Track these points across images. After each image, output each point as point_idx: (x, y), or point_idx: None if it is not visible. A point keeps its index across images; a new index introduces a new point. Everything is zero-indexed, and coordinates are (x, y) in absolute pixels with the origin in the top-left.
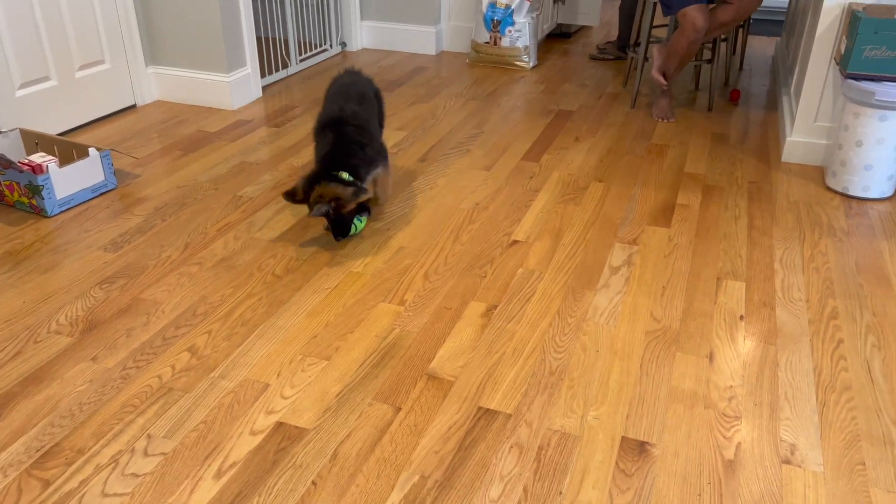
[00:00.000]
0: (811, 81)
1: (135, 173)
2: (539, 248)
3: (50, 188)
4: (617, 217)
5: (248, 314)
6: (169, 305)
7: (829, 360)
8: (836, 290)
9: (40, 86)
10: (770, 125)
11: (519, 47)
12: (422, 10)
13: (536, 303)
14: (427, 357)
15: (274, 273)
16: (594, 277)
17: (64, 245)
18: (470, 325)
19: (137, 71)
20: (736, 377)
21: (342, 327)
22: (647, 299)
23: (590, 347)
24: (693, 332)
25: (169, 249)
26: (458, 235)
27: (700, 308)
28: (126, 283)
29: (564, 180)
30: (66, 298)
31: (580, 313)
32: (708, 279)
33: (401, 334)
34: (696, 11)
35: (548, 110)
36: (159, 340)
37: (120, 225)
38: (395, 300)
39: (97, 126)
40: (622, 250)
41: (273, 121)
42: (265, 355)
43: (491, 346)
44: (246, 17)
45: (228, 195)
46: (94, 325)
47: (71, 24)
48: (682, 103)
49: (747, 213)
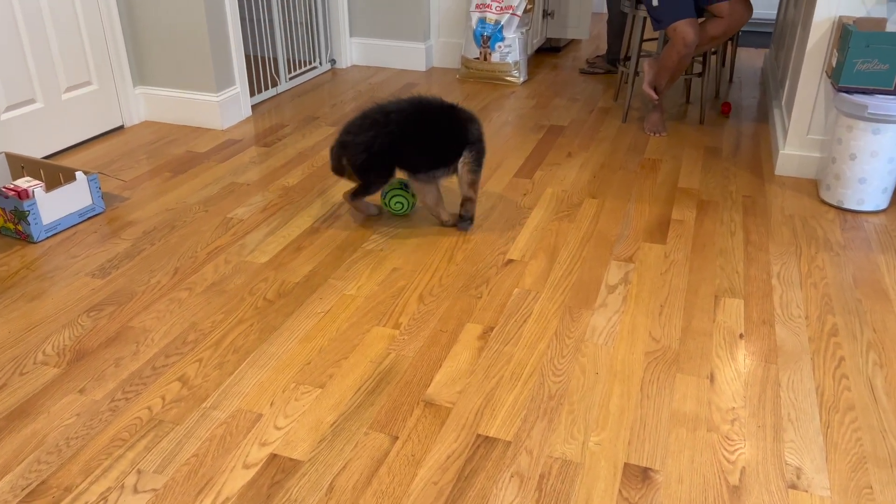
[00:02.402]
0: (803, 94)
1: (123, 196)
2: (534, 267)
3: (36, 213)
4: (612, 234)
5: (240, 341)
6: (158, 333)
7: (832, 379)
8: (835, 306)
9: (26, 108)
10: (762, 138)
11: (509, 63)
12: (411, 26)
13: (533, 324)
14: (423, 382)
15: (265, 297)
16: (591, 296)
17: (51, 272)
18: (466, 348)
19: (125, 91)
20: (738, 398)
21: (336, 353)
22: (645, 318)
23: (589, 370)
24: (693, 352)
25: (158, 274)
26: (452, 255)
27: (699, 327)
28: (114, 310)
29: (558, 197)
30: (53, 327)
31: (578, 334)
32: (706, 296)
33: (396, 359)
34: (686, 26)
35: (539, 125)
36: (149, 370)
37: (108, 250)
38: (389, 324)
39: (85, 148)
40: (618, 268)
41: (263, 140)
42: (257, 384)
43: (488, 370)
44: (234, 36)
45: (218, 217)
46: (82, 354)
47: (57, 46)
48: (673, 117)
49: (743, 227)
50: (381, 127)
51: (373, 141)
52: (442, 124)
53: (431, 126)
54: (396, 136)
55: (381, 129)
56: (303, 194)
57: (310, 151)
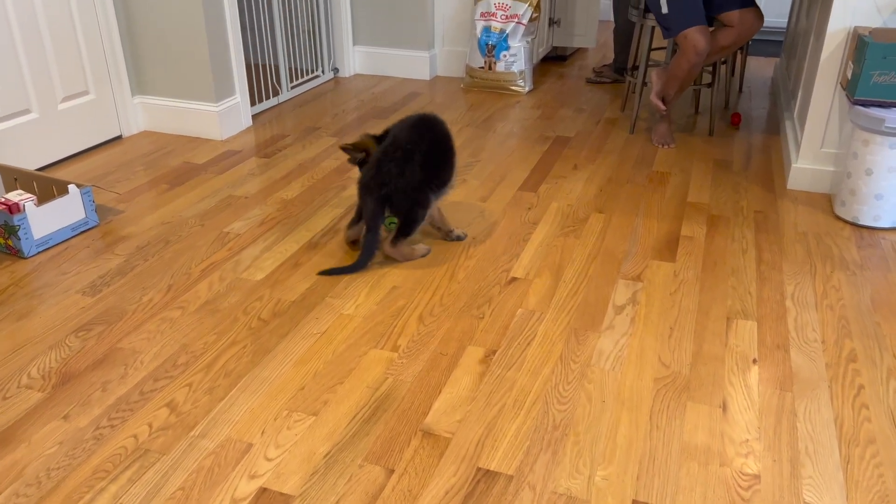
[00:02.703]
0: (816, 107)
1: (117, 209)
2: (539, 286)
3: (27, 228)
4: (619, 251)
5: (232, 364)
6: (148, 355)
7: (851, 409)
8: (852, 330)
9: (21, 119)
10: (773, 150)
11: (514, 72)
12: (415, 34)
13: (538, 347)
14: (422, 410)
15: (260, 317)
16: (598, 318)
17: (40, 289)
18: (467, 372)
19: (123, 101)
20: (752, 429)
21: (331, 377)
22: (654, 342)
23: (595, 397)
24: (704, 379)
25: (150, 292)
26: (453, 273)
27: (710, 351)
28: (104, 330)
29: (564, 211)
30: (40, 348)
31: (584, 358)
32: (717, 319)
33: (394, 384)
34: (697, 34)
35: (545, 137)
36: (136, 395)
37: (100, 266)
38: (387, 346)
39: (81, 158)
40: (626, 287)
41: (263, 151)
42: (249, 410)
43: (490, 397)
44: (234, 45)
45: (214, 232)
46: (68, 377)
47: (53, 54)
48: (681, 128)
49: (755, 245)
50: (408, 163)
51: (411, 179)
52: (438, 137)
53: (435, 143)
54: (423, 163)
55: (411, 164)
56: (302, 207)
57: (310, 163)
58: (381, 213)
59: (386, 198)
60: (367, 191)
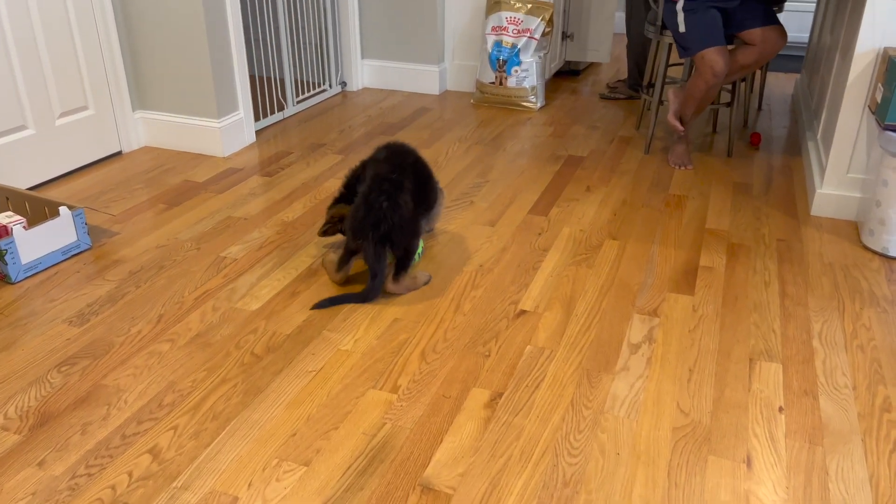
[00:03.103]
0: (843, 130)
1: (112, 230)
2: (549, 320)
3: (14, 252)
4: (634, 282)
5: (221, 405)
6: (133, 393)
7: (887, 467)
8: (885, 375)
9: (16, 135)
10: (795, 173)
11: (526, 87)
12: (425, 48)
13: (547, 390)
14: (421, 461)
15: (253, 352)
16: (612, 358)
17: (25, 318)
18: (471, 418)
19: (124, 116)
20: (780, 489)
21: (325, 422)
22: (672, 385)
23: (609, 449)
24: (726, 429)
25: (140, 322)
26: (459, 304)
27: (733, 397)
28: (88, 364)
29: (575, 237)
30: (20, 385)
31: (597, 404)
32: (739, 360)
33: (392, 431)
34: (715, 54)
35: (556, 156)
36: (118, 439)
37: (89, 293)
38: (387, 386)
39: (80, 175)
40: (642, 323)
41: (266, 169)
42: (236, 459)
43: (495, 447)
44: (238, 59)
45: (211, 256)
46: (47, 418)
47: (50, 68)
48: (699, 148)
49: (778, 277)
50: (401, 193)
51: (406, 210)
52: (417, 162)
53: (416, 169)
54: (414, 192)
55: (403, 195)
56: (302, 231)
57: (313, 182)
58: (383, 254)
59: (385, 237)
60: (361, 233)
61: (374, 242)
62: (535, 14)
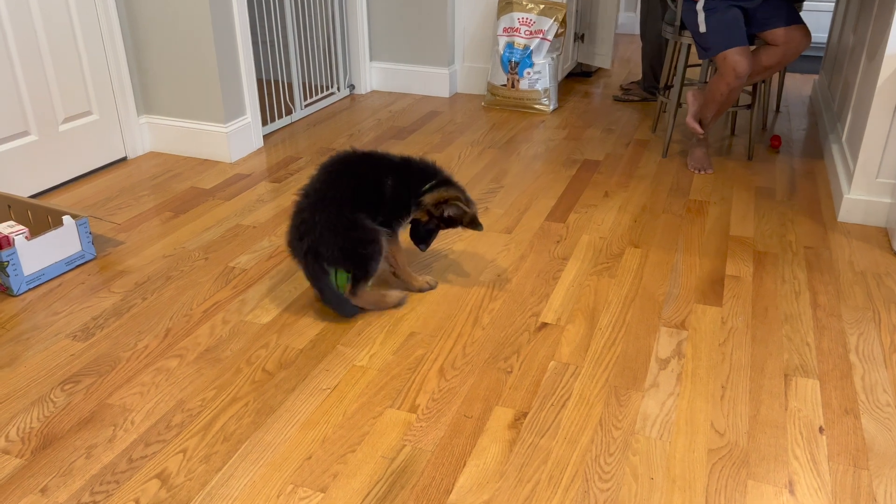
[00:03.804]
0: (872, 133)
1: (117, 240)
2: (572, 334)
3: (16, 264)
4: (659, 293)
5: (232, 426)
6: (140, 413)
7: None
8: None
9: (19, 142)
10: (819, 176)
11: (538, 90)
12: (434, 50)
13: (573, 409)
14: (444, 487)
15: (265, 369)
16: (640, 374)
17: (27, 332)
18: (495, 440)
19: (129, 121)
20: None
21: (342, 444)
22: (704, 403)
23: (642, 474)
24: (765, 452)
25: (147, 337)
26: (477, 317)
27: (769, 416)
28: (93, 382)
29: (596, 245)
30: (22, 404)
31: (627, 424)
32: (774, 376)
33: (412, 454)
34: (737, 55)
35: (572, 160)
36: (124, 463)
37: (94, 306)
38: (405, 405)
39: (84, 182)
40: (669, 336)
41: (274, 175)
42: (249, 484)
43: (522, 471)
44: (245, 62)
45: (219, 266)
46: (50, 440)
47: (53, 73)
48: (718, 151)
49: (808, 286)
50: (321, 201)
51: (331, 216)
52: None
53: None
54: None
55: (323, 202)
56: None
57: None
58: (320, 271)
59: (311, 250)
60: (293, 252)
61: (304, 261)
62: (548, 15)
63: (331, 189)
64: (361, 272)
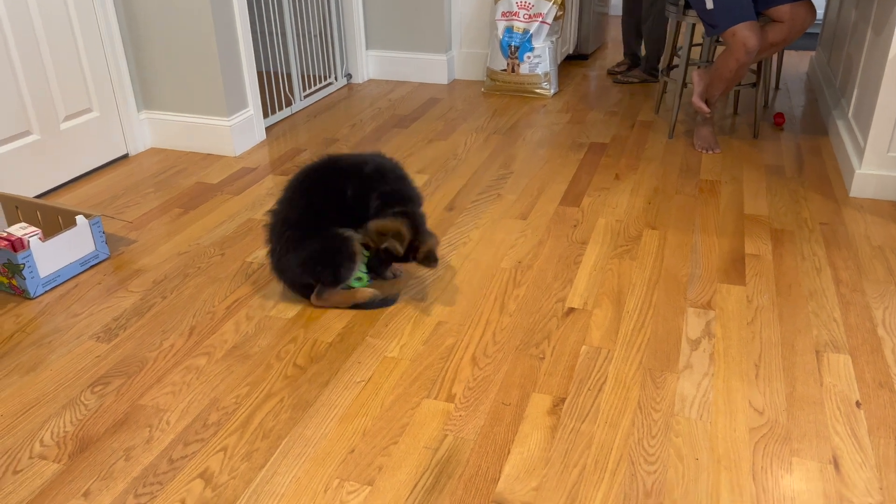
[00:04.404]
0: (883, 108)
1: (129, 238)
2: (600, 318)
3: (32, 266)
4: (682, 273)
5: (270, 422)
6: (174, 413)
7: None
8: None
9: (21, 141)
10: (825, 152)
11: (539, 74)
12: (431, 37)
13: (611, 393)
14: (491, 476)
15: (295, 363)
16: (672, 355)
17: (49, 335)
18: (536, 427)
19: (129, 117)
20: (874, 491)
21: (383, 436)
22: (740, 382)
23: (687, 455)
24: (806, 428)
25: (172, 336)
26: (503, 304)
27: (805, 393)
28: (123, 383)
29: (613, 228)
30: (52, 408)
31: (666, 406)
32: (805, 352)
33: (455, 443)
34: (746, 30)
35: (578, 143)
36: (165, 464)
37: (114, 306)
38: (441, 395)
39: (87, 181)
40: (697, 317)
41: (280, 167)
42: (294, 480)
43: (566, 457)
44: (246, 55)
45: (237, 262)
46: (86, 443)
47: (53, 71)
48: (722, 130)
49: (828, 263)
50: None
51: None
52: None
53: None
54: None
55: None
56: None
57: None
58: (303, 287)
59: (278, 269)
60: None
61: (282, 278)
62: None
63: (285, 207)
64: (329, 280)
